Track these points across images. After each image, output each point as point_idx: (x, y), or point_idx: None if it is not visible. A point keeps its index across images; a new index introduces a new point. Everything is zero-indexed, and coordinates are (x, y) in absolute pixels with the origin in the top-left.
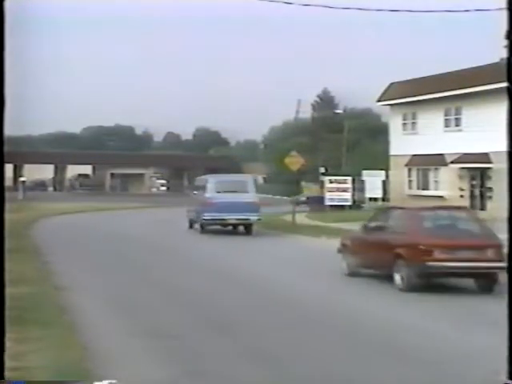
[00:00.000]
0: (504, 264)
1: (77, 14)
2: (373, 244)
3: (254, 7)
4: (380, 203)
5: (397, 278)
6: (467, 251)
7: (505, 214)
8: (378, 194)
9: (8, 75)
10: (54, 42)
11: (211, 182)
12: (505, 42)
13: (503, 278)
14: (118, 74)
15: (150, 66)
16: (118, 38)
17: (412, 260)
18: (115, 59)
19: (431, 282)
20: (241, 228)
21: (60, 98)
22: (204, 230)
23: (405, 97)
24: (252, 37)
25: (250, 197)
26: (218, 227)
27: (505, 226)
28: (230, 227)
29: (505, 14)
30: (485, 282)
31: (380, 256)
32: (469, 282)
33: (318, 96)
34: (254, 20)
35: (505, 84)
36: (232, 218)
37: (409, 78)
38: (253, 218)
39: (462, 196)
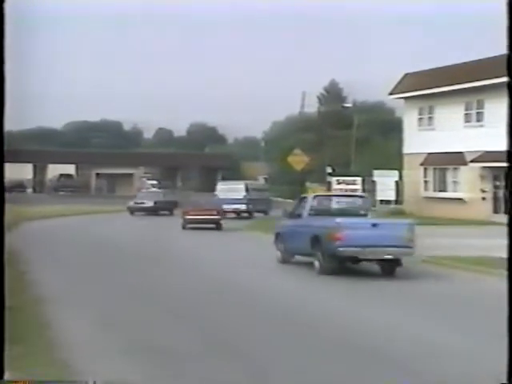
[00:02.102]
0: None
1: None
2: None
3: None
4: (393, 206)
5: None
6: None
7: None
8: (391, 196)
9: None
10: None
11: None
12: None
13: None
14: (104, 65)
15: (139, 57)
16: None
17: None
18: (101, 49)
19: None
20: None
21: (40, 91)
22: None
23: (421, 89)
24: (253, 26)
25: None
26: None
27: None
28: None
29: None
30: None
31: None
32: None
33: (325, 88)
34: (255, 9)
35: None
36: None
37: (425, 68)
38: None
39: (483, 198)
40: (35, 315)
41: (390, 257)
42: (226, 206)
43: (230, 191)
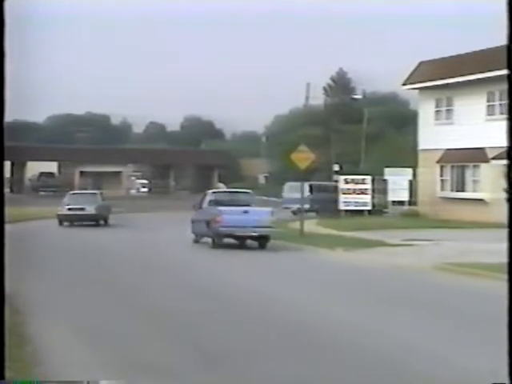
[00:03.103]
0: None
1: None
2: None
3: None
4: (406, 207)
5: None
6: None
7: None
8: (404, 196)
9: None
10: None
11: None
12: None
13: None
14: (91, 54)
15: (129, 46)
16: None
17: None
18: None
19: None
20: None
21: (18, 81)
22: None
23: (437, 78)
24: (255, 13)
25: None
26: None
27: None
28: None
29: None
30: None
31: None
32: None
33: (332, 79)
34: None
35: None
36: None
37: (442, 56)
38: None
39: (509, 200)
40: (15, 329)
41: (255, 234)
42: (289, 205)
43: (295, 191)
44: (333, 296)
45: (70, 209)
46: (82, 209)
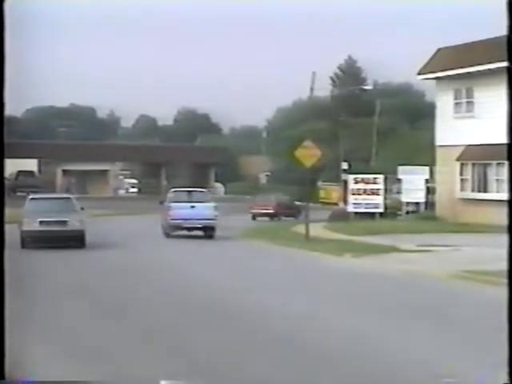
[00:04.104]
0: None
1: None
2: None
3: None
4: (422, 210)
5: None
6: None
7: None
8: (420, 197)
9: None
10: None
11: None
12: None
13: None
14: (75, 42)
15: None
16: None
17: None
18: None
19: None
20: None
21: None
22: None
23: (457, 67)
24: None
25: None
26: None
27: None
28: None
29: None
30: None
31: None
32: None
33: (340, 67)
34: None
35: None
36: None
37: (462, 41)
38: None
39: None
40: None
41: (200, 225)
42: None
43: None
44: (340, 308)
45: (42, 223)
46: (63, 223)
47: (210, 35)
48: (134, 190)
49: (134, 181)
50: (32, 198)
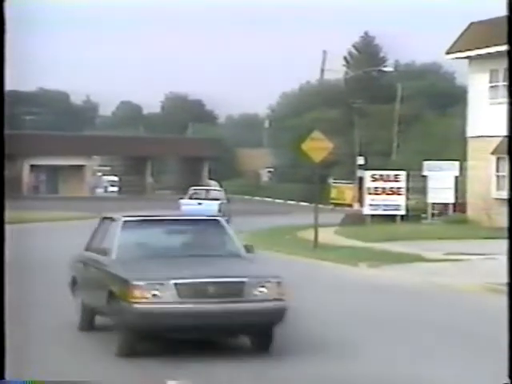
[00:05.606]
0: None
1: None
2: None
3: None
4: (451, 212)
5: None
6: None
7: None
8: (448, 197)
9: None
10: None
11: None
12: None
13: None
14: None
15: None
16: None
17: None
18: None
19: None
20: None
21: None
22: None
23: (494, 44)
24: None
25: None
26: None
27: None
28: None
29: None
30: None
31: None
32: None
33: (355, 46)
34: None
35: None
36: None
37: (498, 14)
38: None
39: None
40: None
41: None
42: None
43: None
44: (352, 334)
45: None
46: None
47: (204, 11)
48: (114, 188)
49: (114, 178)
50: None
